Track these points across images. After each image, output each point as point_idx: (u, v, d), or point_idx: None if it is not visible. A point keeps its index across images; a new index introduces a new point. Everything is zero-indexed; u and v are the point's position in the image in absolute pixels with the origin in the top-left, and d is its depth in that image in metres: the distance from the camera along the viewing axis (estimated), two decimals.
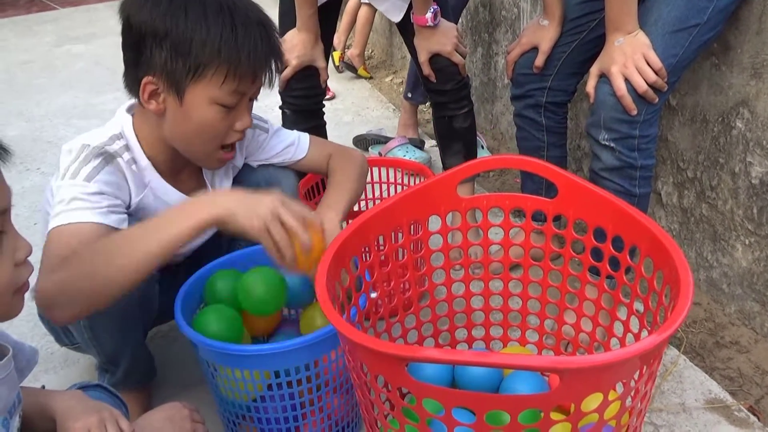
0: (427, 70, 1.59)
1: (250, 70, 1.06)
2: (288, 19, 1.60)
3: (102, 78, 3.32)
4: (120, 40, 1.08)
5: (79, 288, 0.93)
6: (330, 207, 1.19)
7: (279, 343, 1.03)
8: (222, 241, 1.32)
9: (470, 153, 1.72)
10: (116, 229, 1.03)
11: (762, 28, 1.28)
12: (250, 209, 0.97)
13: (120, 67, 1.09)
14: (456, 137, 1.70)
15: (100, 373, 1.24)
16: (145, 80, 1.04)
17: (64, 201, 1.02)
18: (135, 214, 1.12)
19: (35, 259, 0.80)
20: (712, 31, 1.26)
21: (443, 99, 1.65)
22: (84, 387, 0.95)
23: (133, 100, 1.14)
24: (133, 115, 1.15)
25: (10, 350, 0.78)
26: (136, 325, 1.18)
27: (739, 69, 1.35)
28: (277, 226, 0.97)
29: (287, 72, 1.58)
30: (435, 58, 1.57)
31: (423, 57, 1.57)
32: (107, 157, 1.07)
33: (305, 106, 1.70)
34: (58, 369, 1.42)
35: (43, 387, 0.95)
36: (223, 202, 0.98)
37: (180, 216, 0.97)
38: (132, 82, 1.08)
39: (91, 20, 4.60)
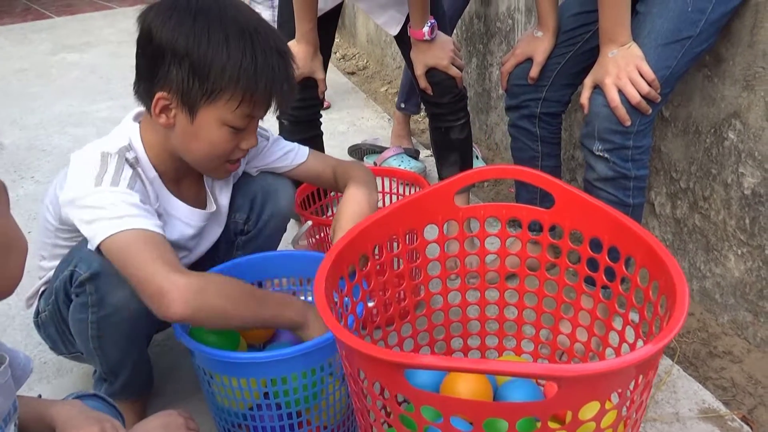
0: (423, 83, 1.60)
1: (265, 98, 1.08)
2: (285, 30, 1.61)
3: (97, 86, 3.31)
4: (114, 49, 1.09)
5: (208, 309, 0.99)
6: (363, 183, 1.28)
7: (276, 351, 1.03)
8: (219, 248, 1.32)
9: (466, 164, 1.73)
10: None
11: (754, 41, 1.30)
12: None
13: (114, 75, 1.10)
14: (453, 148, 1.71)
15: (97, 382, 1.23)
16: (158, 95, 1.04)
17: (115, 205, 1.01)
18: None
19: (29, 266, 0.81)
20: (704, 44, 1.27)
21: (440, 111, 1.66)
22: (81, 396, 0.95)
23: (140, 109, 1.14)
24: (139, 123, 1.15)
25: (7, 358, 0.78)
26: (142, 336, 1.18)
27: (732, 81, 1.36)
28: None
29: None
30: (432, 72, 1.58)
31: (419, 71, 1.58)
32: (132, 166, 1.08)
33: (303, 117, 1.71)
34: (51, 378, 1.42)
35: (40, 396, 0.95)
36: (309, 318, 1.09)
37: (287, 306, 1.09)
38: (144, 94, 1.08)
39: (87, 29, 4.60)
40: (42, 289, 1.21)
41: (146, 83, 1.06)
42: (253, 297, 1.06)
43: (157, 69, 1.04)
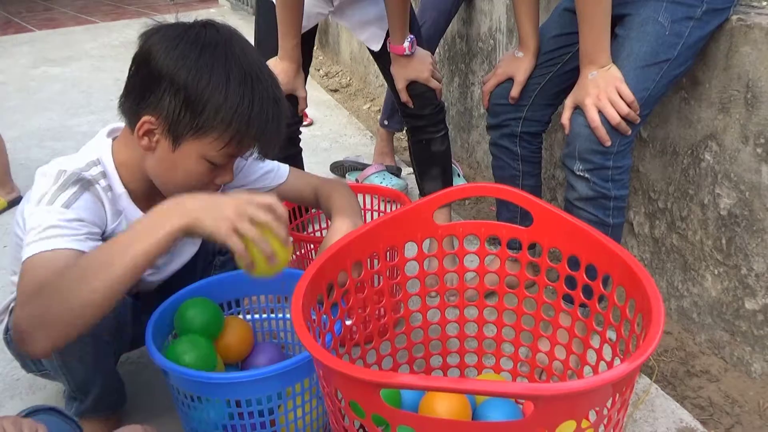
0: (404, 97, 1.62)
1: (252, 143, 1.07)
2: (265, 47, 1.62)
3: (77, 100, 3.28)
4: (96, 63, 1.09)
5: (54, 316, 0.88)
6: (349, 215, 1.22)
7: (252, 370, 1.03)
8: (197, 266, 1.30)
9: (447, 177, 1.74)
10: None
11: (729, 65, 1.32)
12: (215, 212, 0.92)
13: (96, 89, 1.09)
14: (434, 161, 1.72)
15: (68, 400, 1.21)
16: (145, 118, 1.02)
17: (39, 228, 0.98)
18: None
19: (3, 282, 0.79)
20: (681, 67, 1.29)
21: (421, 123, 1.68)
22: (37, 410, 0.93)
23: (114, 125, 1.13)
24: (113, 140, 1.13)
25: None
26: (108, 352, 1.15)
27: (708, 103, 1.38)
28: (245, 224, 0.92)
29: None
30: (413, 85, 1.61)
31: (401, 84, 1.60)
32: (85, 184, 1.05)
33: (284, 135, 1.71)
34: (24, 395, 1.39)
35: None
36: (189, 210, 0.92)
37: (148, 229, 0.91)
38: (130, 113, 1.06)
39: (68, 43, 4.58)
40: (12, 305, 1.19)
41: (134, 103, 1.04)
42: (105, 258, 0.91)
43: (149, 93, 1.02)
